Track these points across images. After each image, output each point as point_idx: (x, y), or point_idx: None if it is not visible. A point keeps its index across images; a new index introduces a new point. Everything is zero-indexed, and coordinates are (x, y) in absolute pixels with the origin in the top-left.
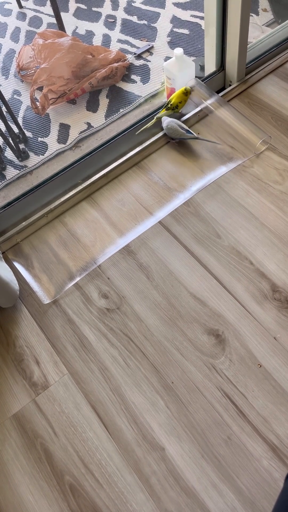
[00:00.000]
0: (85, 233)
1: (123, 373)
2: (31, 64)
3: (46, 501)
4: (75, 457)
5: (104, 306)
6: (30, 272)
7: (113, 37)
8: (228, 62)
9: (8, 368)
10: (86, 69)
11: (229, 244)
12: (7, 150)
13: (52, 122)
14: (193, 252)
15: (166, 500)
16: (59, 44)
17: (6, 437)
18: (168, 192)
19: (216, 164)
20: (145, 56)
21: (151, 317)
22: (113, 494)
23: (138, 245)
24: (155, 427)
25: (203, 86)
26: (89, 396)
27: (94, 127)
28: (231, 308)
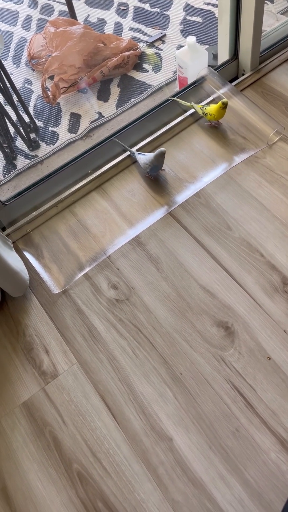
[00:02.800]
0: (95, 223)
1: (132, 363)
2: (42, 53)
3: (54, 488)
4: (83, 445)
5: (114, 297)
6: (40, 262)
7: (125, 25)
8: (242, 50)
9: (18, 356)
10: (97, 57)
11: (240, 236)
12: (18, 140)
13: (63, 112)
14: (203, 243)
15: (174, 490)
16: (70, 32)
17: (16, 425)
18: (179, 183)
19: (228, 154)
20: (157, 44)
21: (160, 308)
22: (120, 483)
23: (148, 236)
24: (163, 417)
25: (215, 75)
26: (98, 385)
27: (105, 116)
28: (241, 301)
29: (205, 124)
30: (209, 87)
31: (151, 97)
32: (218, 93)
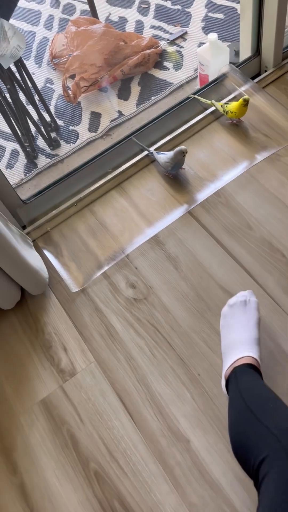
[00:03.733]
0: (114, 222)
1: (149, 363)
2: (64, 52)
3: (71, 486)
4: (100, 444)
5: (132, 296)
6: (59, 260)
7: (146, 23)
8: (264, 46)
9: (37, 354)
10: (118, 56)
11: (261, 236)
12: (39, 139)
13: (84, 111)
14: (223, 243)
15: (191, 493)
16: (91, 31)
17: (34, 422)
18: (198, 181)
19: (249, 153)
20: (178, 42)
21: (179, 308)
22: (137, 483)
23: (167, 235)
24: (181, 418)
25: (237, 72)
26: (115, 384)
27: (125, 115)
28: (261, 302)
29: (226, 122)
30: (230, 85)
31: (171, 95)
32: (240, 90)
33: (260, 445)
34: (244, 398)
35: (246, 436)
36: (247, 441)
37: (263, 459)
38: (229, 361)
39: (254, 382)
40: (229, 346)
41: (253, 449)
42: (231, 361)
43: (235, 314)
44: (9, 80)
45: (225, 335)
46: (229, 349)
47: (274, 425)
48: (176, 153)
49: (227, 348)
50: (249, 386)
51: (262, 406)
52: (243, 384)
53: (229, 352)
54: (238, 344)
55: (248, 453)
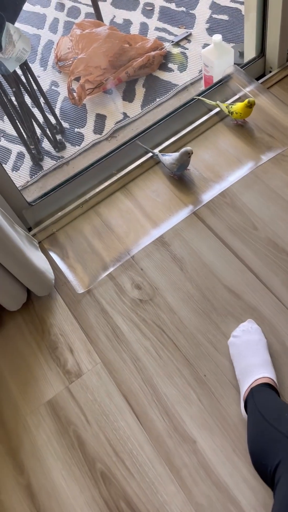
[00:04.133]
0: (119, 223)
1: (155, 364)
2: (69, 55)
3: (78, 487)
4: (106, 445)
5: (137, 297)
6: (65, 261)
7: (150, 25)
8: (269, 47)
9: (43, 355)
10: (123, 58)
11: (266, 236)
12: (45, 141)
13: (89, 113)
14: (228, 244)
15: (197, 493)
16: (96, 34)
17: (41, 423)
18: (203, 182)
19: (254, 153)
20: (182, 43)
21: (184, 309)
22: (143, 484)
23: (172, 236)
24: (187, 419)
25: (242, 73)
26: (121, 386)
27: (130, 117)
28: (267, 302)
29: (231, 123)
30: (235, 85)
31: (176, 97)
32: (244, 91)
33: (276, 450)
34: (261, 411)
35: (263, 445)
36: (264, 449)
37: (278, 463)
38: (246, 385)
39: (271, 397)
40: (244, 370)
41: (269, 456)
42: (248, 384)
43: (243, 341)
44: (14, 83)
45: (237, 362)
46: (245, 373)
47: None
48: (181, 154)
49: (242, 373)
50: (265, 401)
51: (279, 416)
52: (260, 399)
53: (245, 376)
54: (252, 367)
55: (265, 460)
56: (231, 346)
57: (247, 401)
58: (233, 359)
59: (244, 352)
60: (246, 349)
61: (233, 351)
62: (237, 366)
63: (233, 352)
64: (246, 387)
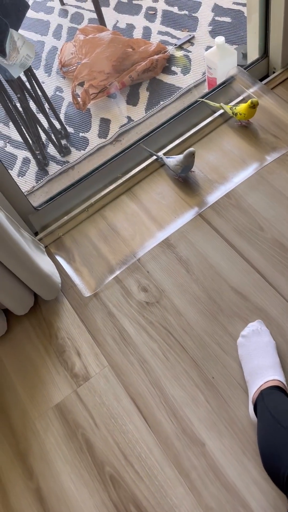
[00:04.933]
0: (124, 226)
1: (163, 366)
2: (72, 60)
3: (87, 490)
4: (115, 448)
5: (144, 300)
6: (71, 265)
7: (153, 29)
8: (272, 48)
9: (50, 359)
10: (126, 62)
11: (272, 237)
12: (50, 146)
13: (93, 117)
14: (234, 245)
15: (207, 496)
16: (99, 38)
17: (49, 426)
18: (208, 184)
19: (259, 154)
20: (185, 46)
21: (191, 311)
22: (153, 487)
23: (178, 238)
24: (195, 421)
25: (245, 75)
26: (129, 388)
27: (134, 120)
28: (274, 303)
29: (235, 124)
30: (238, 87)
31: (180, 100)
32: (248, 92)
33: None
34: (272, 413)
35: (275, 448)
36: (277, 452)
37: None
38: (255, 387)
39: (282, 400)
40: (253, 372)
41: (282, 459)
42: (257, 386)
43: (252, 342)
44: (19, 89)
45: (246, 363)
46: (254, 375)
47: None
48: (186, 155)
49: (251, 375)
50: (277, 403)
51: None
52: (271, 402)
53: (254, 378)
54: (262, 369)
55: (278, 463)
56: (240, 346)
57: (256, 403)
58: (241, 360)
59: (253, 353)
60: (255, 351)
61: (242, 352)
62: (246, 368)
63: (242, 353)
64: (255, 389)
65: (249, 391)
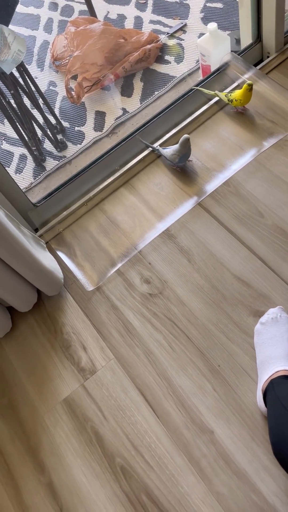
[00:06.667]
0: (124, 219)
1: (169, 357)
2: (65, 54)
3: (98, 482)
4: (125, 440)
5: (147, 291)
6: (73, 260)
7: (144, 18)
8: (265, 32)
9: (57, 354)
10: (119, 53)
11: (273, 223)
12: (46, 142)
13: (88, 111)
14: (235, 233)
15: (217, 483)
16: (90, 30)
17: (58, 421)
18: (206, 172)
19: (256, 140)
20: (178, 35)
21: (194, 300)
22: (163, 476)
23: (178, 228)
24: (203, 410)
25: (239, 60)
26: (136, 380)
27: (130, 112)
28: (277, 289)
29: (231, 111)
30: (233, 73)
31: (174, 89)
32: (243, 78)
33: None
34: (283, 402)
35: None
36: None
37: None
38: (265, 376)
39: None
40: (264, 361)
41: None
42: (267, 375)
43: (268, 330)
44: (12, 85)
45: (259, 351)
46: (265, 364)
47: None
48: (181, 142)
49: (263, 363)
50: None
51: None
52: (281, 391)
53: (265, 367)
54: (274, 359)
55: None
56: (257, 334)
57: (266, 392)
58: (256, 348)
59: (267, 342)
60: (270, 339)
61: (257, 340)
62: (259, 356)
63: (257, 341)
64: (266, 378)
65: (258, 379)
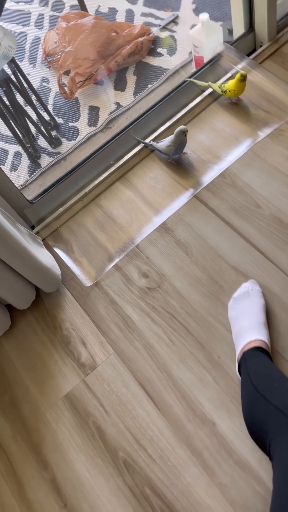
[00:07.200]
0: (121, 214)
1: (169, 350)
2: (56, 49)
3: (102, 477)
4: (127, 434)
5: (145, 285)
6: (70, 256)
7: (136, 11)
8: (257, 21)
9: (57, 351)
10: (111, 47)
11: (270, 213)
12: (40, 139)
13: (82, 106)
14: (232, 224)
15: (220, 474)
16: (82, 24)
17: (60, 417)
18: (202, 164)
19: (251, 130)
20: (170, 27)
21: (193, 293)
22: (166, 469)
23: (175, 221)
24: (204, 402)
25: (232, 51)
26: (137, 374)
27: (123, 106)
28: (276, 279)
29: (225, 102)
30: (226, 64)
31: (168, 81)
32: (236, 68)
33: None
34: (252, 380)
35: (256, 417)
36: (258, 421)
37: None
38: (239, 347)
39: (263, 364)
40: (238, 333)
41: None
42: (241, 346)
43: (240, 304)
44: (4, 83)
45: (233, 325)
46: (239, 336)
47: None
48: (177, 133)
49: (237, 336)
50: (256, 368)
51: (270, 387)
52: (251, 367)
53: (239, 339)
54: (246, 330)
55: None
56: (230, 309)
57: (240, 365)
58: (230, 322)
59: (240, 316)
60: (243, 313)
61: (231, 314)
62: (233, 330)
63: (231, 316)
64: (239, 349)
65: (236, 351)
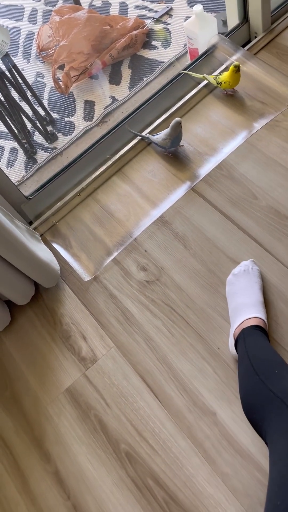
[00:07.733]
0: (118, 208)
1: (168, 342)
2: (50, 44)
3: (104, 469)
4: (128, 426)
5: (144, 279)
6: (69, 251)
7: (130, 4)
8: (252, 12)
9: (57, 345)
10: (105, 41)
11: (267, 204)
12: (36, 134)
13: (77, 100)
14: (229, 216)
15: (222, 463)
16: (75, 18)
17: (62, 411)
18: (198, 157)
19: (247, 122)
20: (164, 19)
21: (192, 285)
22: (168, 460)
23: (173, 214)
24: (205, 393)
25: (227, 42)
26: (137, 367)
27: (119, 100)
28: (274, 270)
29: (221, 94)
30: (221, 55)
31: (163, 74)
32: (231, 59)
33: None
34: (251, 360)
35: (255, 400)
36: (255, 404)
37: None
38: (237, 322)
39: (262, 344)
40: (236, 309)
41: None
42: (239, 321)
43: (240, 280)
44: None
45: (231, 300)
46: (237, 312)
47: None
48: (173, 126)
49: (235, 311)
50: (256, 350)
51: (270, 372)
52: (251, 347)
53: (237, 314)
54: (245, 306)
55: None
56: (229, 284)
57: (237, 341)
58: (228, 297)
59: (239, 292)
60: (241, 290)
61: (229, 290)
62: (231, 305)
63: (229, 291)
64: (238, 324)
65: (231, 326)
